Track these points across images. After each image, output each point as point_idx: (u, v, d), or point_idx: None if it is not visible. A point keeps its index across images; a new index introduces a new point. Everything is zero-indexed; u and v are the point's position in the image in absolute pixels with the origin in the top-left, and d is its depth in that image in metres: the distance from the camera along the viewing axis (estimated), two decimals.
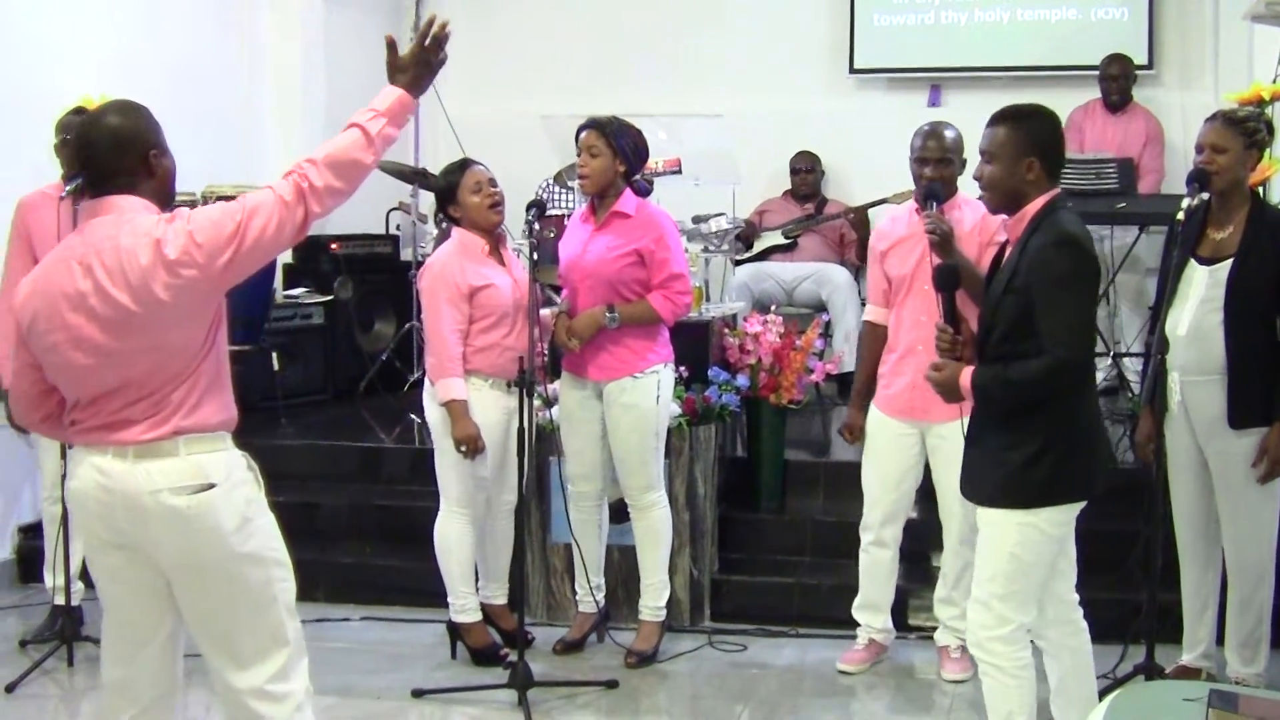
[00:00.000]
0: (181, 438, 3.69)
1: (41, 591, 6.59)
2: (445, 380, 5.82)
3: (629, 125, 5.98)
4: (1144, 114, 9.38)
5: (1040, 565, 4.39)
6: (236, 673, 3.83)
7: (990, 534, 4.41)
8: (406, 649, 6.34)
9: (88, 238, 3.72)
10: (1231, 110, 5.61)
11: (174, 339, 3.67)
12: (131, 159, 3.78)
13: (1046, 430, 4.29)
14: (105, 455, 3.71)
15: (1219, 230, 5.31)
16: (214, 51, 9.19)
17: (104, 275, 3.63)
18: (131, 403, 3.68)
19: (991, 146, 4.41)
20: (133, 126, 3.80)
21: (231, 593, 3.77)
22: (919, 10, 10.46)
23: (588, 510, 6.21)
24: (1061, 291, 4.21)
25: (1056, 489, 4.32)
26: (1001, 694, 4.41)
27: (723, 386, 6.70)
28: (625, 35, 10.86)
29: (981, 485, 4.47)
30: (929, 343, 5.36)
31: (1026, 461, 4.30)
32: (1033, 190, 4.37)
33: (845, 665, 6.06)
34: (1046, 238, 4.26)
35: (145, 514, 3.68)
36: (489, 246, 5.98)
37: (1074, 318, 4.22)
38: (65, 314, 3.66)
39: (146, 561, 3.76)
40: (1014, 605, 4.36)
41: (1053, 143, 4.43)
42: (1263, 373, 5.18)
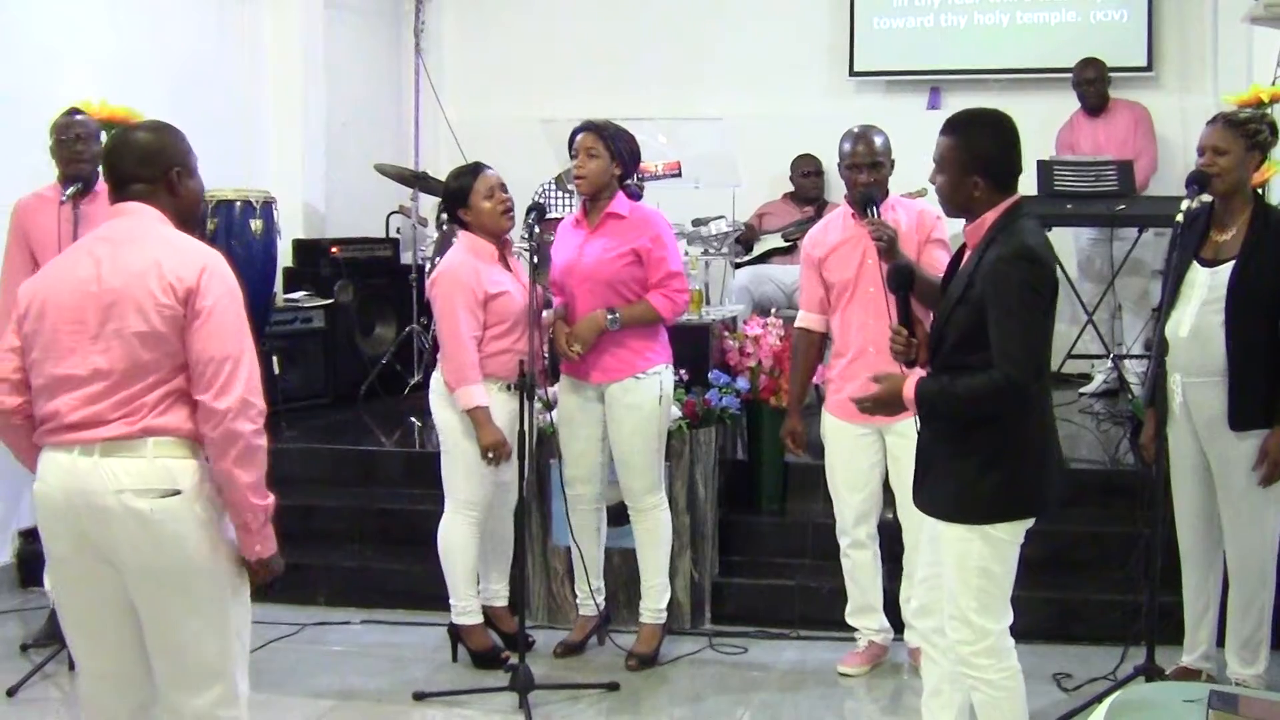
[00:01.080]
0: (151, 439, 3.69)
1: (42, 595, 6.58)
2: (466, 388, 5.80)
3: (623, 129, 6.01)
4: (1125, 105, 9.38)
5: (1009, 572, 4.35)
6: (182, 693, 3.83)
7: (956, 549, 4.34)
8: (407, 652, 6.34)
9: (102, 232, 3.84)
10: (1233, 112, 5.61)
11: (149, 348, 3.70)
12: (152, 171, 3.86)
13: (995, 446, 4.23)
14: (71, 453, 3.71)
15: (1222, 232, 5.31)
16: (214, 56, 9.20)
17: (106, 267, 3.71)
18: (104, 397, 3.68)
19: (939, 157, 4.36)
20: (159, 142, 3.91)
21: (184, 604, 3.76)
22: (919, 13, 10.47)
23: (586, 514, 6.21)
24: (1015, 308, 4.11)
25: (1005, 505, 4.26)
26: (994, 706, 4.34)
27: (723, 389, 6.70)
28: (625, 39, 10.87)
29: (933, 499, 4.43)
30: (880, 344, 5.42)
31: (975, 476, 4.25)
32: (982, 204, 4.30)
33: (845, 668, 6.06)
34: (1004, 250, 4.16)
35: (107, 515, 3.68)
36: (497, 252, 5.99)
37: (1025, 336, 4.12)
38: (65, 294, 3.74)
39: (109, 568, 3.75)
40: (991, 616, 4.32)
41: (999, 155, 4.31)
42: (1264, 375, 5.17)
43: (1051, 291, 4.21)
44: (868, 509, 5.95)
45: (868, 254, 5.62)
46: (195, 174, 3.97)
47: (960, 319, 4.24)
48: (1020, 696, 4.37)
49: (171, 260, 3.71)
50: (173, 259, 3.71)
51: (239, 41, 9.54)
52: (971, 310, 4.19)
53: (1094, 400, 8.98)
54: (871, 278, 5.65)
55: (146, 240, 3.76)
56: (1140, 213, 8.24)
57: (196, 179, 3.98)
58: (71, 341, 3.71)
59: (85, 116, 6.38)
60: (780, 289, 9.28)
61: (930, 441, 4.44)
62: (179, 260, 3.72)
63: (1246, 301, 5.17)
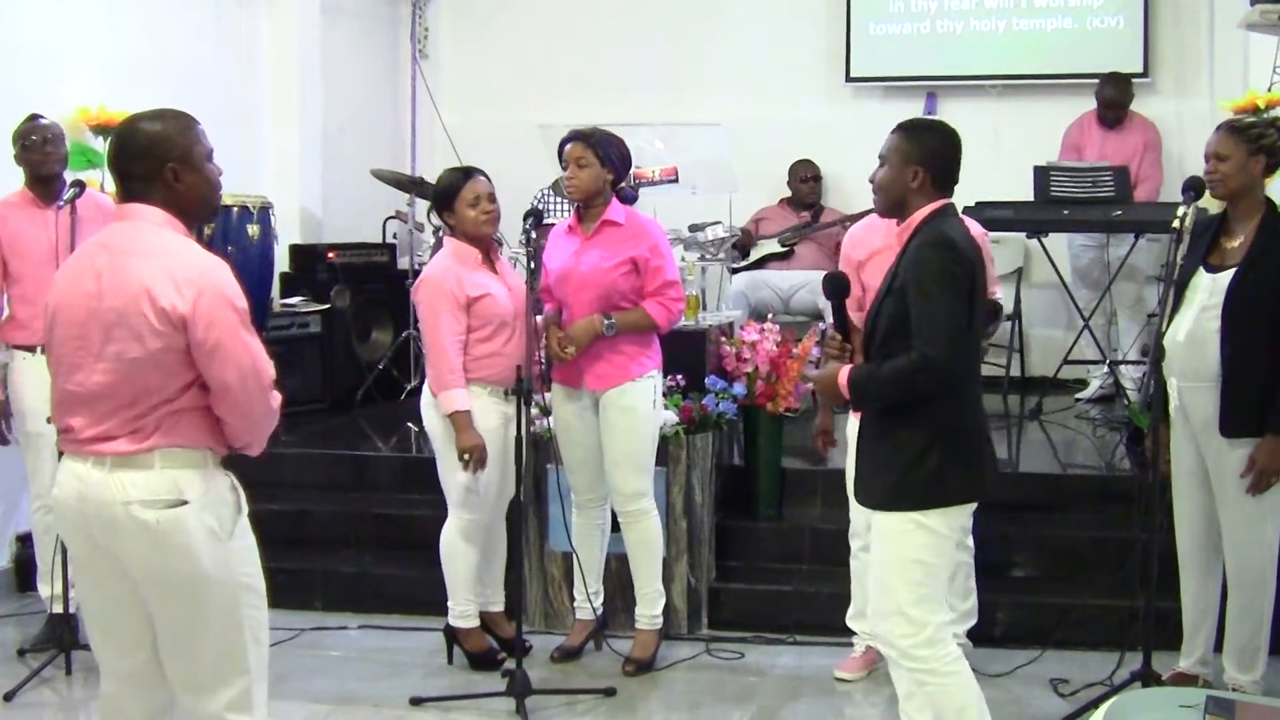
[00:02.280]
0: (158, 452, 3.68)
1: (39, 600, 6.58)
2: (448, 392, 5.81)
3: (611, 134, 6.01)
4: (1140, 123, 9.39)
5: (945, 566, 4.41)
6: (194, 695, 3.82)
7: (891, 543, 4.38)
8: (404, 657, 6.34)
9: (104, 238, 3.78)
10: (1237, 119, 5.62)
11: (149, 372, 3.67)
12: (147, 167, 3.74)
13: (929, 432, 4.29)
14: (85, 463, 3.72)
15: (1231, 239, 5.31)
16: (212, 61, 9.20)
17: (107, 282, 3.67)
18: (111, 416, 3.68)
19: (885, 151, 4.49)
20: (156, 135, 3.76)
21: (195, 612, 3.75)
22: (915, 19, 10.49)
23: (593, 515, 6.23)
24: (932, 290, 4.22)
25: (941, 491, 4.31)
26: (945, 694, 4.37)
27: (719, 395, 6.70)
28: (622, 44, 10.88)
29: (870, 490, 4.49)
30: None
31: (910, 463, 4.31)
32: (917, 198, 4.41)
33: (842, 672, 6.07)
34: (922, 239, 4.32)
35: (116, 525, 3.68)
36: (482, 255, 5.99)
37: (941, 316, 4.20)
38: (71, 308, 3.72)
39: (123, 572, 3.75)
40: (927, 608, 4.34)
41: (943, 156, 4.45)
42: (1257, 382, 5.17)
43: (967, 277, 4.28)
44: None
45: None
46: (200, 166, 3.80)
47: (888, 310, 4.35)
48: (969, 678, 4.41)
49: (164, 283, 3.61)
50: (166, 282, 3.61)
51: (236, 46, 9.55)
52: (897, 300, 4.30)
53: (1090, 406, 8.99)
54: None
55: (145, 253, 3.68)
56: (1136, 218, 8.25)
57: (203, 171, 3.81)
58: (77, 357, 3.70)
59: (47, 120, 6.39)
60: (777, 294, 9.29)
61: (866, 432, 4.52)
62: (173, 283, 3.62)
63: (1244, 308, 5.16)
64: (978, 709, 4.39)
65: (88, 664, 6.06)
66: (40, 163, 6.28)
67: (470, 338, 5.87)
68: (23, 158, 6.32)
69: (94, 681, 5.94)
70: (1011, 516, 6.55)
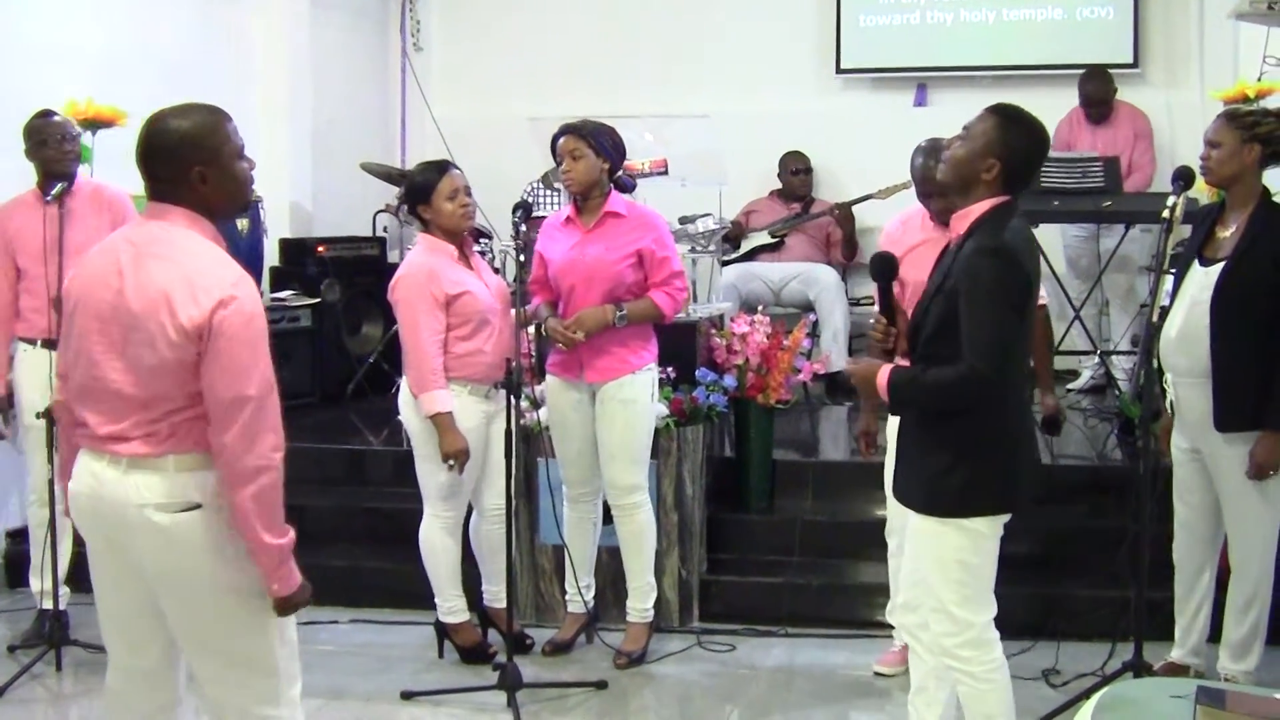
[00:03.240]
0: (172, 455, 3.65)
1: (29, 596, 6.56)
2: (429, 394, 5.76)
3: (603, 125, 6.00)
4: (1128, 112, 9.38)
5: (988, 564, 4.33)
6: (223, 690, 3.81)
7: (931, 543, 4.34)
8: (395, 651, 6.33)
9: (131, 234, 3.74)
10: (1235, 107, 5.62)
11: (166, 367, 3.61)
12: (173, 170, 3.67)
13: (960, 441, 4.21)
14: (101, 461, 3.69)
15: (1224, 229, 5.30)
16: (201, 56, 9.17)
17: (130, 283, 3.62)
18: (126, 416, 3.64)
19: (970, 127, 4.32)
20: (184, 137, 3.67)
21: (209, 615, 3.73)
22: (905, 10, 10.48)
23: (586, 509, 6.22)
24: (986, 301, 4.10)
25: (972, 500, 4.24)
26: (978, 699, 4.34)
27: (710, 387, 6.70)
28: (612, 37, 10.87)
29: (907, 489, 4.44)
30: None
31: (942, 471, 4.24)
32: (983, 189, 4.25)
33: (881, 667, 6.01)
34: (981, 242, 4.16)
35: (130, 526, 3.66)
36: (457, 252, 5.96)
37: (994, 331, 4.09)
38: (95, 301, 3.67)
39: (137, 570, 3.74)
40: (972, 608, 4.31)
41: (1025, 157, 4.28)
42: (1249, 377, 5.15)
43: (1022, 291, 4.16)
44: None
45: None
46: (229, 166, 3.71)
47: (937, 310, 4.24)
48: (1005, 689, 4.37)
49: (185, 294, 3.54)
50: (186, 292, 3.55)
51: (225, 40, 9.52)
52: (947, 301, 4.18)
53: (1081, 396, 8.99)
54: None
55: (168, 257, 3.62)
56: (1127, 209, 8.25)
57: (232, 170, 3.72)
58: (97, 352, 3.66)
59: (60, 117, 6.38)
60: (767, 286, 9.28)
61: (905, 432, 4.46)
62: (192, 293, 3.55)
63: (1234, 302, 5.15)
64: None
65: (78, 660, 6.07)
66: (55, 160, 6.26)
67: (450, 336, 5.83)
68: (35, 154, 6.30)
69: (83, 677, 5.98)
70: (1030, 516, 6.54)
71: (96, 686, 5.86)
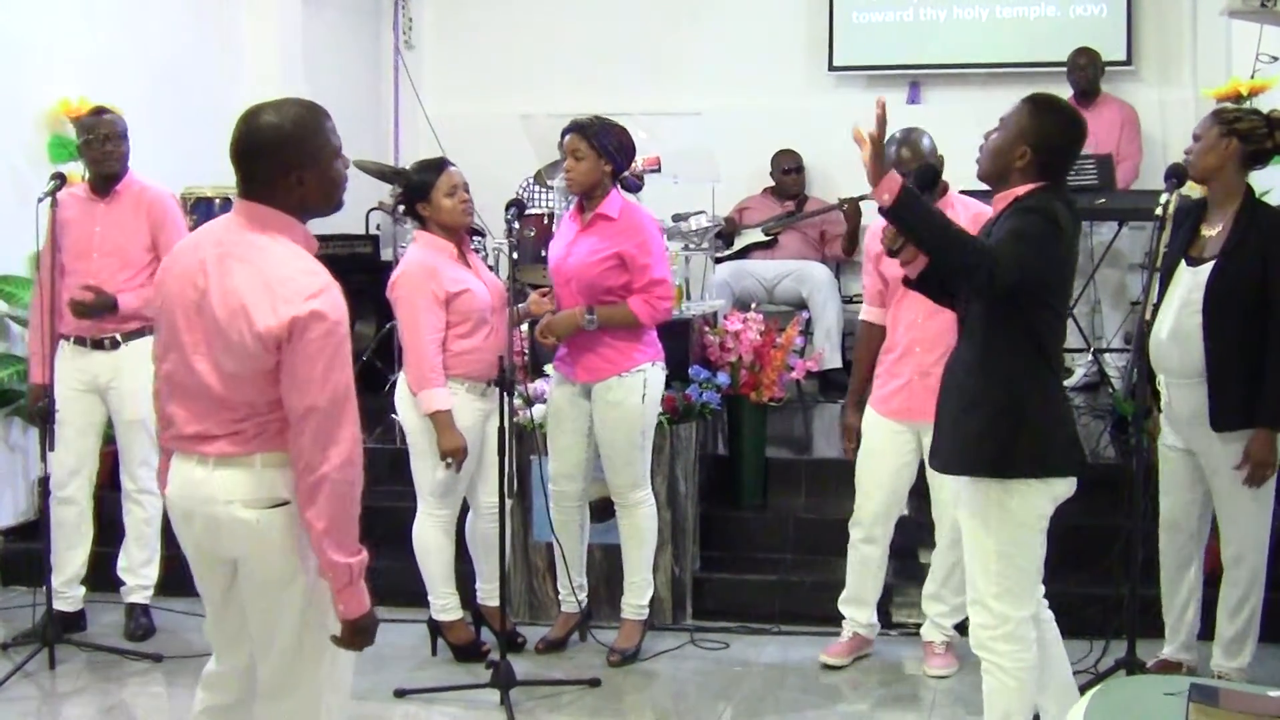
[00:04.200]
0: (259, 454, 3.64)
1: (25, 594, 6.55)
2: (429, 391, 5.76)
3: (612, 124, 5.98)
4: (1115, 102, 9.41)
5: (1030, 559, 4.36)
6: (269, 698, 3.81)
7: (974, 534, 4.38)
8: (388, 649, 6.31)
9: (222, 235, 3.69)
10: (1225, 105, 5.63)
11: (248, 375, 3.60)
12: (270, 168, 3.63)
13: (1000, 400, 4.24)
14: (190, 461, 3.70)
15: (1209, 227, 5.31)
16: (192, 53, 9.16)
17: (215, 285, 3.60)
18: (211, 415, 3.64)
19: (1006, 117, 4.40)
20: (283, 137, 3.61)
21: (285, 613, 3.72)
22: (898, 7, 10.48)
23: (569, 510, 6.21)
24: (1024, 231, 4.15)
25: (1008, 461, 4.25)
26: (1002, 694, 4.38)
27: (703, 384, 6.70)
28: (604, 34, 10.86)
29: (940, 451, 4.48)
30: (926, 343, 5.54)
31: (980, 430, 4.27)
32: (1018, 176, 4.30)
33: (828, 657, 6.07)
34: (1022, 204, 4.24)
35: (218, 523, 3.66)
36: (456, 250, 5.96)
37: (1018, 250, 4.11)
38: (182, 296, 3.66)
39: (226, 567, 3.78)
40: (1010, 602, 4.34)
41: (1056, 144, 4.33)
42: (1243, 375, 5.17)
43: (1056, 244, 4.21)
44: (890, 508, 5.96)
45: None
46: (328, 168, 3.67)
47: None
48: (1030, 691, 4.42)
49: (265, 304, 3.51)
50: (266, 302, 3.51)
51: (217, 37, 9.50)
52: None
53: (1075, 394, 8.98)
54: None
55: (254, 261, 3.59)
56: (1119, 206, 8.25)
57: (330, 172, 3.69)
58: (187, 347, 3.65)
59: (112, 115, 6.35)
60: (761, 283, 9.28)
61: (945, 397, 4.47)
62: (272, 303, 3.51)
63: (1225, 302, 5.16)
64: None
65: (70, 659, 6.07)
66: (98, 160, 6.26)
67: (449, 334, 5.83)
68: (84, 151, 6.32)
69: (77, 677, 5.98)
70: None
71: (88, 685, 5.90)
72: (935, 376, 5.13)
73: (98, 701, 5.80)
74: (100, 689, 5.91)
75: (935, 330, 5.54)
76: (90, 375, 6.27)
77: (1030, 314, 4.24)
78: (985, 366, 4.30)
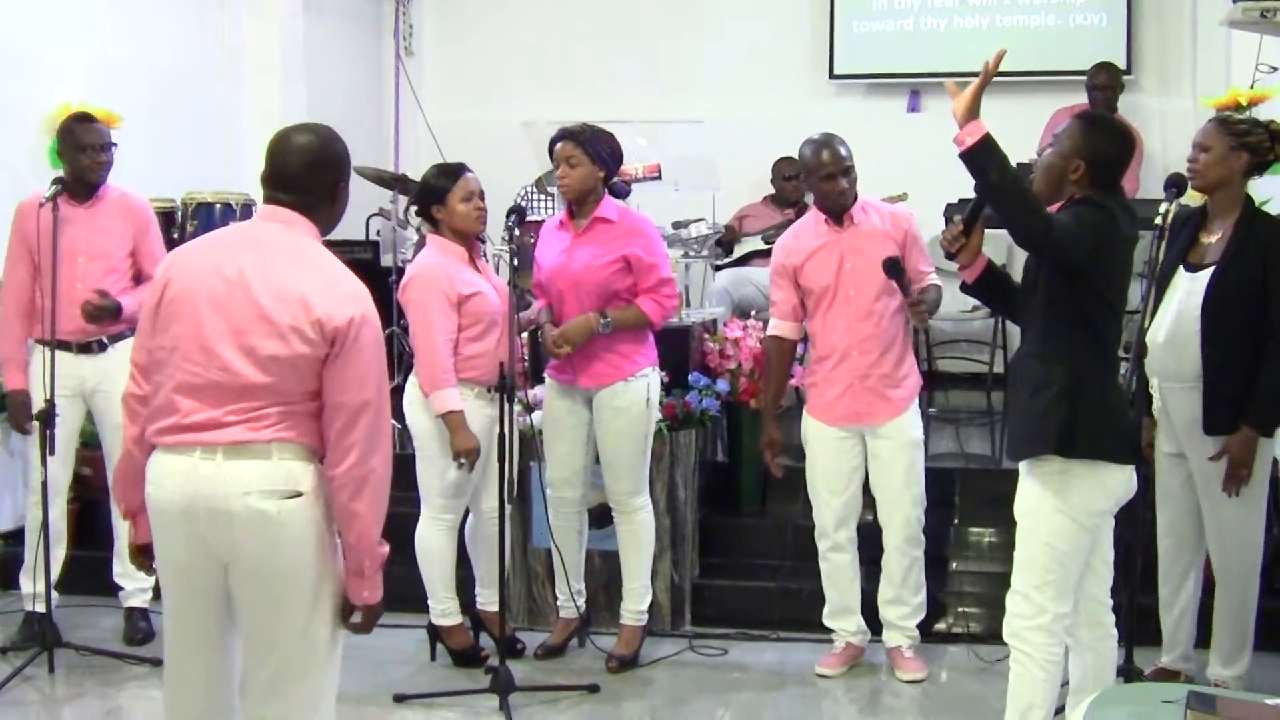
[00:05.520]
0: (276, 443, 3.69)
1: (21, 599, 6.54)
2: (441, 392, 5.76)
3: (602, 131, 6.01)
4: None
5: (1075, 555, 4.44)
6: (270, 698, 3.82)
7: (1026, 524, 4.48)
8: (387, 654, 6.32)
9: (256, 233, 3.84)
10: (1228, 114, 5.65)
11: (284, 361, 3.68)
12: (320, 182, 3.87)
13: (1062, 382, 4.36)
14: (191, 457, 3.69)
15: (1209, 235, 5.33)
16: (194, 58, 9.17)
17: (256, 277, 3.70)
18: (226, 403, 3.67)
19: (1060, 133, 4.56)
20: (331, 153, 3.90)
21: (294, 606, 3.75)
22: (898, 16, 10.50)
23: (568, 517, 6.21)
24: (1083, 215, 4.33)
25: (1069, 438, 4.35)
26: (1027, 684, 4.45)
27: (703, 391, 6.71)
28: (605, 42, 10.88)
29: (1012, 439, 4.62)
30: (862, 346, 5.70)
31: (1045, 408, 4.37)
32: (1071, 188, 4.45)
33: (823, 669, 6.08)
34: (1078, 200, 4.41)
35: (230, 518, 3.66)
36: (467, 254, 5.97)
37: (1077, 230, 4.28)
38: (207, 290, 3.71)
39: (218, 571, 3.75)
40: (1051, 595, 4.42)
41: (1109, 158, 4.48)
42: (1238, 380, 5.18)
43: (1109, 235, 4.36)
44: (848, 512, 5.99)
45: (845, 259, 5.78)
46: (347, 187, 3.97)
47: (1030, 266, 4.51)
48: (1055, 685, 4.49)
49: (324, 295, 3.68)
50: (326, 294, 3.68)
51: (218, 43, 9.51)
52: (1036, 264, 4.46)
53: None
54: (852, 281, 5.75)
55: (300, 260, 3.75)
56: None
57: (348, 189, 3.98)
58: (202, 341, 3.69)
59: (100, 124, 6.35)
60: (761, 291, 9.26)
61: (1011, 392, 4.63)
62: (332, 296, 3.68)
63: (1223, 308, 5.18)
64: (1043, 715, 4.47)
65: (70, 662, 6.07)
66: (89, 169, 6.25)
67: (460, 337, 5.84)
68: (69, 157, 6.28)
69: (76, 680, 5.98)
70: (994, 512, 6.56)
71: (89, 689, 5.91)
72: (874, 378, 5.39)
73: (97, 705, 5.80)
74: (100, 693, 5.91)
75: (868, 332, 5.70)
76: (77, 380, 6.25)
77: (1084, 302, 4.39)
78: (1046, 353, 4.45)
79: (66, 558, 6.40)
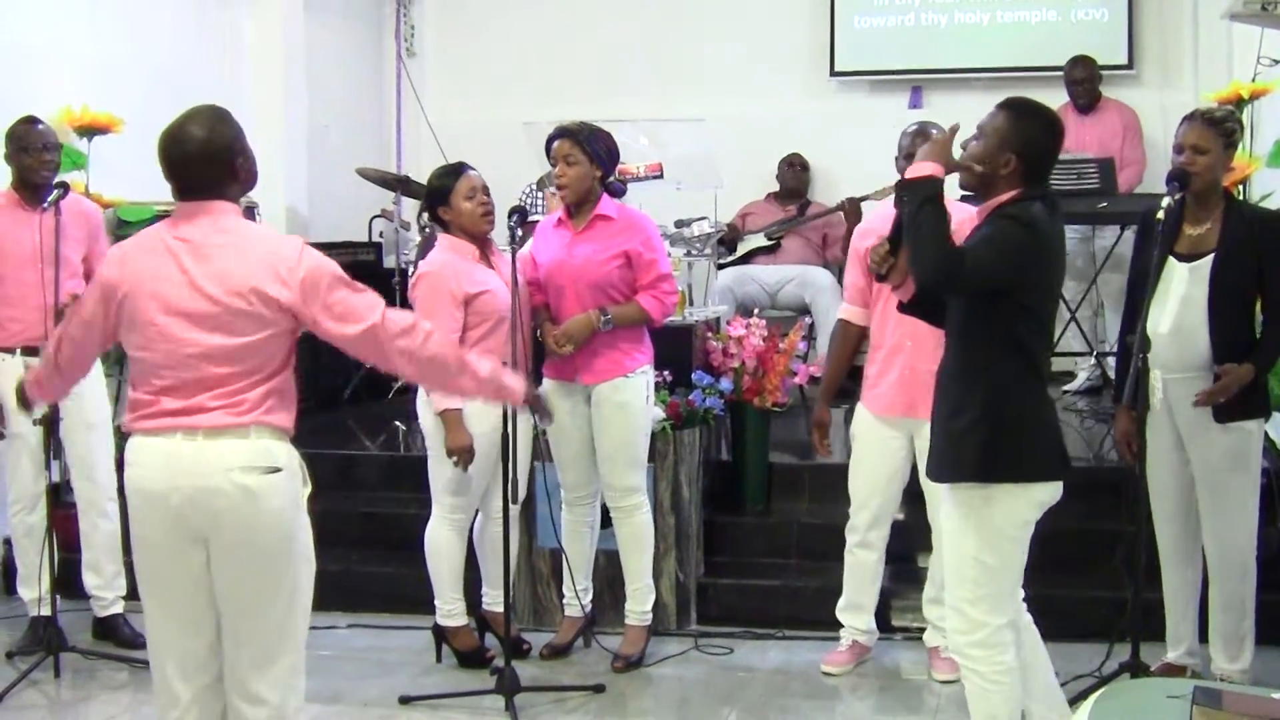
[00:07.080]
0: (254, 426, 3.84)
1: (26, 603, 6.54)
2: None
3: (598, 129, 6.01)
4: (1116, 107, 9.41)
5: (1008, 566, 4.37)
6: (254, 670, 3.93)
7: (953, 541, 4.41)
8: (393, 655, 6.33)
9: (182, 234, 3.92)
10: (1209, 110, 5.63)
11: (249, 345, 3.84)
12: (220, 169, 3.96)
13: (981, 404, 4.27)
14: (173, 439, 3.83)
15: (1195, 227, 5.34)
16: (194, 59, 9.17)
17: (199, 272, 3.84)
18: (206, 388, 3.82)
19: (984, 125, 4.39)
20: (219, 137, 3.99)
21: (273, 580, 3.91)
22: (899, 12, 10.49)
23: (583, 512, 6.23)
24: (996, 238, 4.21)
25: (989, 465, 4.27)
26: (983, 699, 4.40)
27: (706, 390, 6.70)
28: (606, 41, 10.88)
29: (930, 459, 4.53)
30: (917, 338, 5.50)
31: (964, 431, 4.30)
32: (1003, 184, 4.32)
33: (828, 666, 6.07)
34: (1004, 213, 4.26)
35: (212, 495, 3.80)
36: (479, 252, 5.97)
37: (988, 256, 4.17)
38: (160, 296, 3.85)
39: (198, 550, 3.87)
40: (986, 609, 4.35)
41: (1041, 147, 4.35)
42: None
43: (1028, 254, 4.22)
44: (884, 513, 5.96)
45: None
46: (249, 152, 4.08)
47: None
48: (1012, 693, 4.40)
49: (267, 274, 3.85)
50: (269, 273, 3.85)
51: (219, 45, 9.52)
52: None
53: (1077, 398, 9.00)
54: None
55: (237, 244, 3.89)
56: (1121, 210, 8.25)
57: (251, 156, 4.09)
58: (174, 331, 3.84)
59: (45, 125, 6.34)
60: (763, 289, 9.29)
61: (935, 408, 4.51)
62: (275, 273, 3.86)
63: (1227, 295, 5.21)
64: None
65: (75, 666, 6.07)
66: (34, 169, 6.22)
67: (469, 335, 5.82)
68: (15, 160, 6.26)
69: (81, 683, 5.99)
70: None
71: (95, 693, 5.92)
72: (925, 372, 5.23)
73: (103, 710, 5.80)
74: (106, 697, 5.91)
75: (925, 326, 5.57)
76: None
77: (1009, 318, 4.27)
78: (967, 372, 4.36)
79: (61, 560, 6.39)
